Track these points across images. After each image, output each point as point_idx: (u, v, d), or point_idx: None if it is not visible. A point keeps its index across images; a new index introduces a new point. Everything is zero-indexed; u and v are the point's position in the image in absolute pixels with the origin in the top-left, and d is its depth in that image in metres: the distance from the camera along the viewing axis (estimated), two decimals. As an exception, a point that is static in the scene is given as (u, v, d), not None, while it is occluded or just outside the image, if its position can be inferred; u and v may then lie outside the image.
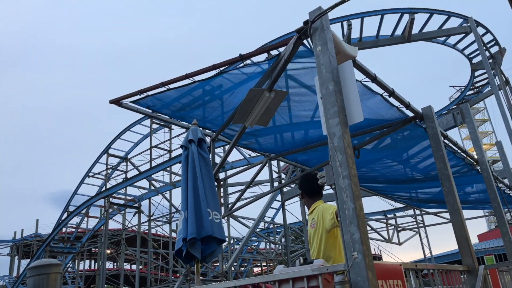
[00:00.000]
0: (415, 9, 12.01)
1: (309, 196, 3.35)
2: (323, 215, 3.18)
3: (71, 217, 18.20)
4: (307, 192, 3.35)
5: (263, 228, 19.60)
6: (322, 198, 3.56)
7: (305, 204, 3.40)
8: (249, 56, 3.76)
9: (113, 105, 4.95)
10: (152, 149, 17.27)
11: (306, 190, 3.35)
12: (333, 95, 2.36)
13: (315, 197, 3.36)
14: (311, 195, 3.35)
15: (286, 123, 5.22)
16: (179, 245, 3.15)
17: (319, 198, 3.38)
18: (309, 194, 3.34)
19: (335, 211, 3.03)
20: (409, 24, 12.08)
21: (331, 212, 3.08)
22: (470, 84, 15.66)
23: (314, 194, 3.36)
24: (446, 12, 12.56)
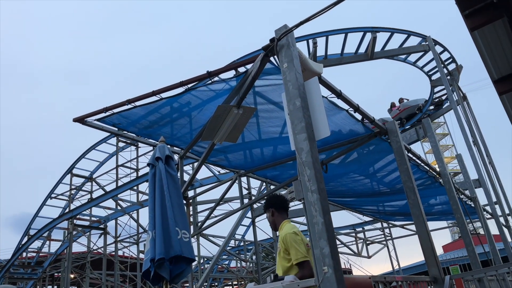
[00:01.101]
0: (377, 28, 12.48)
1: (281, 215, 3.30)
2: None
3: (32, 241, 17.33)
4: (280, 209, 3.30)
5: (233, 246, 19.37)
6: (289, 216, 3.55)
7: (273, 223, 3.32)
8: (216, 73, 3.77)
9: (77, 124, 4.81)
10: (119, 168, 16.83)
11: (280, 207, 3.30)
12: (300, 111, 2.40)
13: (285, 216, 3.32)
14: (284, 213, 3.31)
15: (255, 139, 5.24)
16: (146, 266, 3.06)
17: (286, 217, 3.35)
18: (281, 212, 3.30)
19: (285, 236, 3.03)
20: (371, 43, 12.53)
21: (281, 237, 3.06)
22: (430, 100, 16.33)
23: (285, 212, 3.34)
24: (406, 32, 13.13)
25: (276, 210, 3.27)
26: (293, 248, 2.85)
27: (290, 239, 2.90)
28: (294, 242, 2.87)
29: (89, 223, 16.54)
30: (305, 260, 2.79)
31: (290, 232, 2.96)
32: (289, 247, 2.89)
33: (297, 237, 2.92)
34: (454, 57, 13.98)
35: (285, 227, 3.13)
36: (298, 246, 2.85)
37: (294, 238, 2.90)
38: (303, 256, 2.80)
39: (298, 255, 2.80)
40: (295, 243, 2.87)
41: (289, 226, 3.12)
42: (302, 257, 2.79)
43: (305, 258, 2.79)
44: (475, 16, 3.11)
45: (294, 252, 2.83)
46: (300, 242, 2.90)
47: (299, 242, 2.89)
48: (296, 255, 2.81)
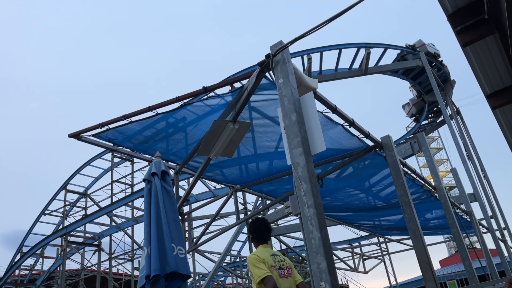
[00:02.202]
0: (370, 44, 12.66)
1: (257, 240, 3.38)
2: None
3: (24, 259, 17.06)
4: (255, 237, 3.40)
5: (229, 262, 19.16)
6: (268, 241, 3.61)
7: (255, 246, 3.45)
8: (212, 88, 3.80)
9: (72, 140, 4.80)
10: (113, 184, 16.70)
11: (255, 234, 3.40)
12: (296, 126, 2.41)
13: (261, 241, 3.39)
14: (259, 239, 3.39)
15: (251, 154, 5.24)
16: (141, 283, 3.02)
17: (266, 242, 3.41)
18: (257, 238, 3.39)
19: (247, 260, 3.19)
20: (365, 58, 12.69)
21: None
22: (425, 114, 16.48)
23: (261, 238, 3.40)
24: (399, 47, 13.33)
25: (253, 236, 3.38)
26: (253, 268, 3.01)
27: (250, 262, 3.07)
28: (253, 264, 3.02)
29: (83, 240, 16.33)
30: (266, 275, 2.91)
31: (251, 255, 3.13)
32: (250, 268, 3.06)
33: (257, 258, 3.06)
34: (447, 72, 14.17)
35: (254, 251, 3.31)
36: (257, 265, 2.99)
37: (253, 259, 3.05)
38: (264, 272, 2.93)
39: (258, 273, 2.93)
40: (254, 263, 3.02)
41: (255, 251, 3.28)
42: (263, 274, 2.91)
43: (266, 273, 2.92)
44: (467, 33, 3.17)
45: (255, 271, 2.97)
46: (259, 262, 3.03)
47: (258, 262, 3.03)
48: (257, 273, 2.94)
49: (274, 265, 3.07)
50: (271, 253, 3.26)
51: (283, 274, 3.10)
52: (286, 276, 3.12)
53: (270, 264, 3.05)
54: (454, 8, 3.22)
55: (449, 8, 3.23)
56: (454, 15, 3.24)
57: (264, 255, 3.10)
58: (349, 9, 2.50)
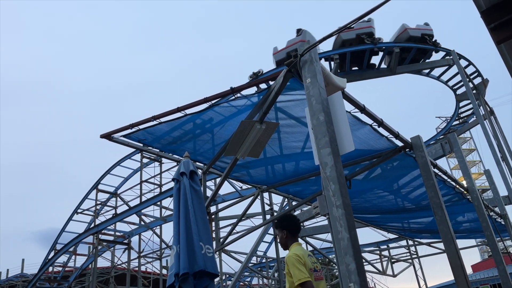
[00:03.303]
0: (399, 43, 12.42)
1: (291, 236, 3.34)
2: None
3: (58, 256, 17.66)
4: (289, 232, 3.34)
5: (255, 263, 19.21)
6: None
7: (284, 243, 3.38)
8: (239, 89, 3.83)
9: (103, 140, 4.93)
10: (142, 184, 17.07)
11: (289, 229, 3.35)
12: (324, 126, 2.40)
13: (293, 238, 3.36)
14: (292, 235, 3.35)
15: (277, 155, 5.24)
16: (171, 280, 3.07)
17: (297, 239, 3.38)
18: (291, 234, 3.34)
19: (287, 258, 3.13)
20: (394, 58, 12.45)
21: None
22: (456, 114, 16.01)
23: (295, 234, 3.37)
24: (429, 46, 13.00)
25: (288, 231, 3.32)
26: (293, 269, 2.97)
27: (291, 261, 3.03)
28: (294, 264, 2.98)
29: (114, 238, 16.76)
30: (307, 280, 2.88)
31: (292, 255, 3.08)
32: (290, 268, 3.01)
33: (299, 259, 3.02)
34: (480, 71, 13.71)
35: (292, 249, 3.25)
36: (299, 267, 2.95)
37: (294, 260, 3.01)
38: (305, 276, 2.90)
39: (299, 276, 2.90)
40: (296, 264, 2.98)
41: (295, 249, 3.22)
42: (303, 278, 2.89)
43: (306, 278, 2.89)
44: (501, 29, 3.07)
45: (296, 273, 2.93)
46: (300, 263, 3.00)
47: (300, 263, 2.99)
48: (298, 275, 2.91)
49: (311, 267, 3.07)
50: (307, 253, 3.25)
51: (317, 277, 3.10)
52: (320, 279, 3.11)
53: (309, 267, 3.04)
54: (488, 4, 3.12)
55: (482, 4, 3.13)
56: (488, 12, 3.14)
57: (304, 256, 3.08)
58: (377, 7, 2.47)
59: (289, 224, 3.37)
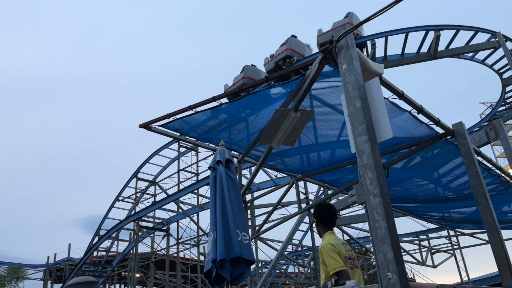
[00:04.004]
0: (440, 26, 11.88)
1: (325, 226, 3.33)
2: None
3: (101, 241, 18.49)
4: (323, 221, 3.34)
5: (291, 251, 19.28)
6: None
7: (318, 232, 3.39)
8: (274, 77, 3.81)
9: (142, 130, 5.08)
10: (180, 172, 17.47)
11: (323, 219, 3.34)
12: (361, 113, 2.35)
13: (328, 227, 3.34)
14: (327, 224, 3.33)
15: (312, 143, 5.20)
16: (208, 266, 3.14)
17: (332, 228, 3.36)
18: (325, 224, 3.33)
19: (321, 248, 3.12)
20: (434, 41, 11.94)
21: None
22: (502, 100, 15.20)
23: (330, 223, 3.35)
24: (473, 28, 12.36)
25: (321, 220, 3.31)
26: (328, 259, 2.95)
27: (325, 250, 3.01)
28: (329, 254, 2.96)
29: (153, 225, 17.32)
30: (342, 269, 2.85)
31: (326, 244, 3.06)
32: (324, 258, 3.00)
33: (333, 248, 3.00)
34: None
35: (325, 238, 3.24)
36: (333, 256, 2.94)
37: (328, 249, 3.00)
38: (340, 265, 2.88)
39: (334, 265, 2.88)
40: (330, 253, 2.96)
41: (328, 238, 3.21)
42: (338, 267, 2.87)
43: (341, 267, 2.86)
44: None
45: (331, 262, 2.92)
46: (335, 252, 2.98)
47: (334, 252, 2.97)
48: (333, 265, 2.89)
49: (346, 256, 3.04)
50: (341, 241, 3.23)
51: (353, 265, 3.07)
52: (355, 267, 3.09)
53: (344, 256, 3.02)
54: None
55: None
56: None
57: (338, 245, 3.06)
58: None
59: (322, 213, 3.36)
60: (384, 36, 11.79)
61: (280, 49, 12.33)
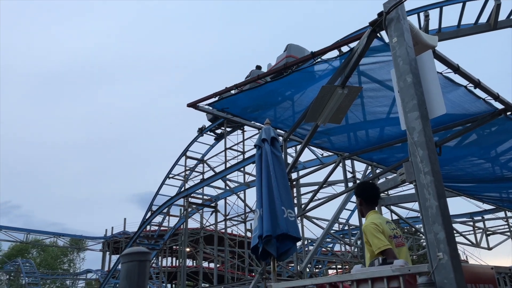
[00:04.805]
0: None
1: (367, 205, 3.26)
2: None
3: (154, 216, 19.39)
4: (366, 200, 3.26)
5: (337, 230, 19.20)
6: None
7: (361, 211, 3.33)
8: (320, 53, 3.73)
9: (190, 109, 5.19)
10: (227, 151, 17.79)
11: (365, 197, 3.27)
12: (412, 88, 2.25)
13: (371, 206, 3.26)
14: (370, 203, 3.26)
15: (360, 121, 5.08)
16: (255, 242, 3.21)
17: (374, 208, 3.28)
18: (368, 203, 3.26)
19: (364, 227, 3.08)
20: (495, 10, 11.07)
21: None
22: None
23: (372, 202, 3.27)
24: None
25: (363, 199, 3.24)
26: (371, 238, 2.91)
27: (368, 230, 2.96)
28: (372, 233, 2.92)
29: (202, 201, 17.90)
30: (387, 248, 2.80)
31: (369, 223, 3.01)
32: (368, 238, 2.96)
33: (376, 227, 2.95)
34: None
35: (368, 218, 3.18)
36: (377, 235, 2.89)
37: (372, 229, 2.95)
38: (384, 244, 2.83)
39: (378, 244, 2.84)
40: (374, 233, 2.91)
41: (371, 217, 3.15)
42: (383, 246, 2.82)
43: (386, 246, 2.81)
44: None
45: (375, 242, 2.87)
46: (379, 231, 2.92)
47: (378, 231, 2.92)
48: (378, 244, 2.85)
49: (391, 234, 2.99)
50: (385, 220, 3.17)
51: (399, 243, 3.01)
52: (401, 245, 3.03)
53: (388, 234, 2.97)
54: None
55: None
56: None
57: (382, 224, 3.02)
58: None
59: (364, 192, 3.30)
60: (439, 6, 11.10)
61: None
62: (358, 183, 3.71)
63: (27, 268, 30.24)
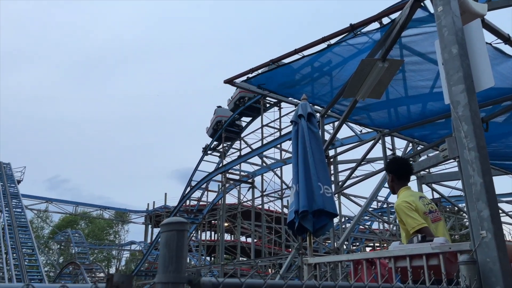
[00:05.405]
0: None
1: (399, 180, 3.15)
2: None
3: (193, 191, 19.97)
4: (397, 176, 3.15)
5: (375, 208, 18.97)
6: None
7: (392, 188, 3.22)
8: (360, 25, 3.59)
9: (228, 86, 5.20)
10: (263, 128, 17.83)
11: (397, 173, 3.16)
12: (458, 59, 2.13)
13: (402, 182, 3.15)
14: (401, 179, 3.15)
15: (401, 96, 4.91)
16: (291, 217, 3.23)
17: (406, 184, 3.16)
18: (399, 178, 3.14)
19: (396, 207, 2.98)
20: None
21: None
22: None
23: (404, 178, 3.16)
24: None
25: (395, 176, 3.13)
26: (405, 218, 2.82)
27: (401, 209, 2.87)
28: (405, 212, 2.83)
29: (239, 177, 18.17)
30: (422, 226, 2.71)
31: (401, 202, 2.91)
32: (401, 217, 2.87)
33: (409, 206, 2.85)
34: None
35: (400, 196, 3.08)
36: (411, 214, 2.80)
37: (404, 207, 2.85)
38: (420, 223, 2.73)
39: (412, 223, 2.75)
40: (406, 212, 2.82)
41: (403, 195, 3.05)
42: (418, 224, 2.73)
43: (421, 225, 2.72)
44: None
45: (409, 221, 2.79)
46: (411, 210, 2.83)
47: (411, 210, 2.83)
48: (411, 223, 2.76)
49: (426, 211, 2.90)
50: (418, 195, 3.07)
51: (435, 218, 2.92)
52: (437, 220, 2.93)
53: (423, 211, 2.88)
54: None
55: None
56: None
57: (415, 201, 2.92)
58: None
59: (396, 168, 3.20)
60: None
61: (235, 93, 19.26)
62: (389, 159, 3.60)
63: (77, 238, 32.21)
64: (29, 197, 29.58)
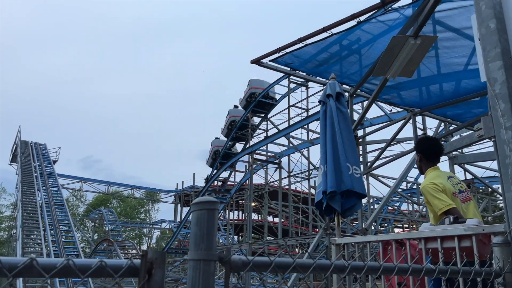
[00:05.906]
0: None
1: (427, 161, 3.05)
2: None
3: (221, 171, 20.20)
4: (426, 156, 3.05)
5: (405, 189, 18.67)
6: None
7: (420, 168, 3.13)
8: (391, 1, 3.47)
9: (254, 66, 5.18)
10: (290, 108, 17.71)
11: (426, 153, 3.06)
12: (495, 34, 2.03)
13: (431, 163, 3.05)
14: (430, 159, 3.05)
15: (434, 74, 4.75)
16: (319, 197, 3.23)
17: (435, 164, 3.06)
18: (428, 159, 3.05)
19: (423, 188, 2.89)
20: None
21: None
22: None
23: (433, 158, 3.06)
24: None
25: (424, 156, 3.03)
26: (432, 199, 2.75)
27: (427, 191, 2.80)
28: (432, 194, 2.75)
29: (266, 158, 18.23)
30: (450, 208, 2.62)
31: (428, 184, 2.83)
32: (428, 199, 2.80)
33: (435, 187, 2.77)
34: None
35: (427, 177, 2.99)
36: (438, 196, 2.72)
37: (430, 189, 2.77)
38: (447, 204, 2.65)
39: (440, 205, 2.67)
40: (433, 193, 2.75)
41: (430, 176, 2.95)
42: (445, 206, 2.64)
43: (449, 206, 2.63)
44: None
45: (436, 202, 2.71)
46: (438, 191, 2.74)
47: (438, 191, 2.74)
48: (438, 205, 2.68)
49: (454, 191, 2.82)
50: (446, 175, 2.98)
51: (465, 198, 2.84)
52: (467, 199, 2.85)
53: (452, 192, 2.80)
54: None
55: None
56: None
57: (442, 182, 2.84)
58: None
59: (425, 148, 3.10)
60: None
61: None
62: (419, 138, 3.49)
63: (110, 217, 33.45)
64: (64, 176, 30.77)
